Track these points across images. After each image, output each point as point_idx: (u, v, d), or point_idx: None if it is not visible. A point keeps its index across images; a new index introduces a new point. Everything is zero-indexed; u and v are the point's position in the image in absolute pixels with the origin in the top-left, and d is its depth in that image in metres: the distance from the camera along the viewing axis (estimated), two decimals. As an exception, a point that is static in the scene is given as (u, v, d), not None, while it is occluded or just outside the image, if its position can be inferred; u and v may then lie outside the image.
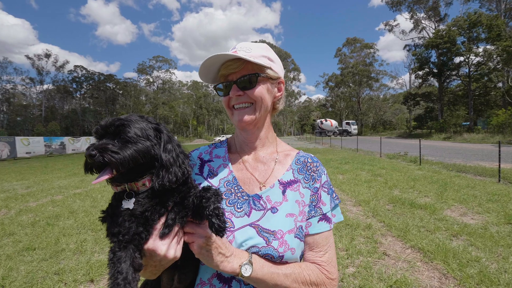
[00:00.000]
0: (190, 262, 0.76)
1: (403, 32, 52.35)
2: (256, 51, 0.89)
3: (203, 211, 0.69)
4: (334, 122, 57.61)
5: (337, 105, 79.84)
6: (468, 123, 34.68)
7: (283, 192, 0.90)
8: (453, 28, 35.67)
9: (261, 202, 0.88)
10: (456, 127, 34.69)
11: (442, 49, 37.52)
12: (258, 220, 0.85)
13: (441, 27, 40.77)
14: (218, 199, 0.71)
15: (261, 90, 0.89)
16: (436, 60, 40.64)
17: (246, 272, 0.74)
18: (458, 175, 8.72)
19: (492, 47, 31.11)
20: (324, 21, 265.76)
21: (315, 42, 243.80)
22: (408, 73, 58.15)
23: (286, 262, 0.82)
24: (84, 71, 66.33)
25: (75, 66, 65.44)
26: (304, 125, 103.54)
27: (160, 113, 73.31)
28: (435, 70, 41.08)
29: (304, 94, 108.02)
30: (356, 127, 54.84)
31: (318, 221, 0.89)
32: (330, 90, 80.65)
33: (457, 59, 37.69)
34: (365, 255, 3.59)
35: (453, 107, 40.00)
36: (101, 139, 0.66)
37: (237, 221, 0.85)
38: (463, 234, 4.11)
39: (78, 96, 67.98)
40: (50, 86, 63.97)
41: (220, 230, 0.67)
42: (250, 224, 0.84)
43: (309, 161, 0.97)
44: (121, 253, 0.63)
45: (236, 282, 0.81)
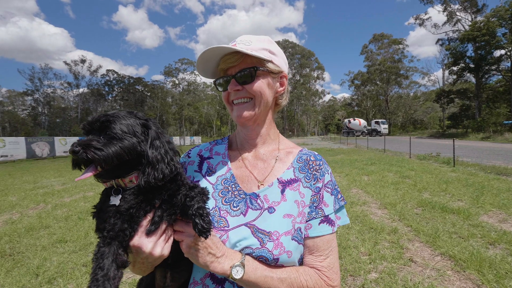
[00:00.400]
0: (183, 261, 0.74)
1: (436, 26, 49.42)
2: (256, 44, 0.85)
3: (187, 210, 0.67)
4: (363, 121, 54.87)
5: (363, 104, 77.19)
6: (511, 122, 31.82)
7: (282, 192, 0.85)
8: (493, 19, 32.98)
9: (258, 201, 0.84)
10: (496, 126, 31.98)
11: (480, 42, 34.81)
12: (254, 220, 0.81)
13: (479, 19, 37.81)
14: (203, 199, 0.69)
15: (261, 85, 0.85)
16: (473, 54, 37.84)
17: (237, 275, 0.71)
18: (498, 178, 8.02)
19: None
20: (349, 18, 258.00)
21: (340, 40, 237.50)
22: (441, 69, 54.65)
23: (282, 266, 0.77)
24: (115, 75, 70.21)
25: (107, 70, 69.53)
26: (329, 125, 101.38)
27: (186, 114, 75.51)
28: (472, 65, 38.24)
29: (329, 93, 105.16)
30: (387, 127, 51.71)
31: (319, 223, 0.83)
32: (356, 89, 78.26)
33: (497, 53, 34.83)
34: (390, 261, 3.40)
35: (493, 105, 36.99)
36: (87, 135, 0.66)
37: (232, 220, 0.82)
38: (502, 243, 3.75)
39: (110, 99, 72.06)
40: (85, 90, 68.43)
41: (204, 231, 0.65)
42: (246, 224, 0.80)
43: (312, 159, 0.91)
44: (105, 249, 0.63)
45: (230, 284, 0.78)
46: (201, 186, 0.74)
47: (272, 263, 0.76)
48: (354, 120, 55.56)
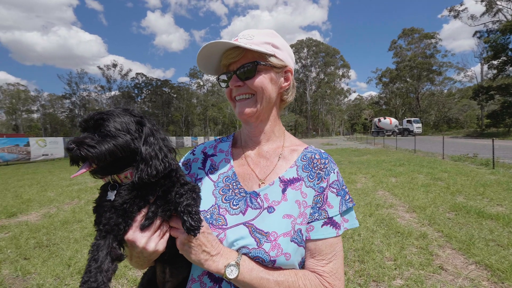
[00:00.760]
0: (182, 258, 0.74)
1: (473, 17, 46.09)
2: (259, 38, 0.82)
3: (177, 207, 0.67)
4: (394, 120, 51.63)
5: (392, 102, 73.89)
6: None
7: (283, 191, 0.82)
8: (540, 7, 29.99)
9: (258, 200, 0.81)
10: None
11: (525, 33, 31.84)
12: (253, 219, 0.78)
13: (524, 7, 34.58)
14: (193, 196, 0.68)
15: (262, 80, 0.82)
16: (517, 47, 34.69)
17: (232, 274, 0.68)
18: (545, 182, 7.27)
19: None
20: (376, 13, 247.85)
21: (367, 36, 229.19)
22: (479, 64, 50.69)
23: (280, 268, 0.74)
24: (144, 78, 73.53)
25: (137, 74, 73.03)
26: (355, 124, 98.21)
27: (210, 115, 77.05)
28: (515, 58, 35.09)
29: (355, 92, 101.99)
30: (420, 126, 47.76)
31: (322, 226, 0.78)
32: (384, 86, 75.17)
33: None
34: (417, 268, 3.20)
35: (540, 101, 33.64)
36: (83, 133, 0.67)
37: (231, 219, 0.80)
38: (549, 253, 3.38)
39: (139, 101, 75.55)
40: (117, 92, 72.43)
41: (192, 229, 0.65)
42: (244, 223, 0.78)
43: (316, 157, 0.86)
44: (100, 242, 0.64)
45: (227, 283, 0.75)
46: (193, 183, 0.74)
47: (269, 265, 0.72)
48: (385, 119, 52.43)
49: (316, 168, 0.84)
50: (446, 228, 4.30)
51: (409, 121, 48.58)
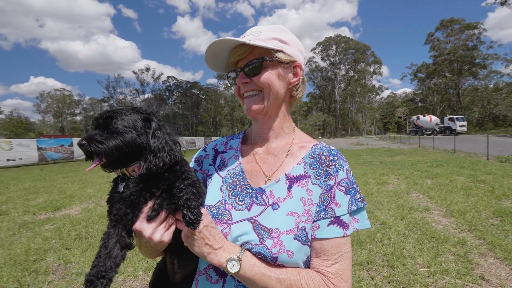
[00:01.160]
0: (189, 250, 0.76)
1: (524, 3, 41.48)
2: (266, 34, 0.82)
3: (178, 201, 0.70)
4: (435, 118, 47.07)
5: (429, 99, 69.28)
6: None
7: (289, 188, 0.80)
8: None
9: (264, 197, 0.81)
10: None
11: None
12: (257, 216, 0.78)
13: None
14: (192, 190, 0.71)
15: (269, 76, 0.81)
16: None
17: (233, 269, 0.69)
18: None
19: None
20: (410, 5, 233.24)
21: (400, 30, 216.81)
22: (533, 54, 45.49)
23: (283, 266, 0.72)
24: (175, 81, 76.56)
25: (168, 77, 76.26)
26: (387, 123, 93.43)
27: (237, 115, 78.11)
28: None
29: (387, 89, 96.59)
30: (464, 124, 42.80)
31: (328, 225, 0.76)
32: (420, 83, 70.74)
33: None
34: (453, 276, 2.96)
35: None
36: (96, 129, 0.73)
37: (236, 214, 0.80)
38: None
39: (170, 103, 78.89)
40: (149, 95, 76.22)
41: (191, 223, 0.68)
42: (249, 219, 0.78)
43: (324, 154, 0.84)
44: (111, 230, 0.70)
45: (231, 277, 0.76)
46: (193, 179, 0.76)
47: (271, 262, 0.72)
48: (424, 117, 47.98)
49: (324, 165, 0.82)
50: (489, 235, 3.92)
51: (452, 119, 44.00)
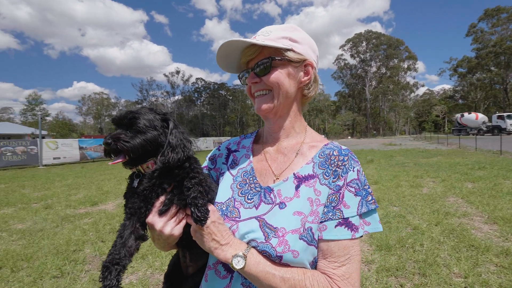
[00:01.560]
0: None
1: None
2: (276, 33, 0.83)
3: (186, 199, 0.74)
4: (482, 116, 42.49)
5: (471, 96, 63.99)
6: None
7: (297, 187, 0.80)
8: None
9: (271, 196, 0.81)
10: None
11: None
12: (265, 214, 0.78)
13: None
14: (199, 189, 0.74)
15: (278, 75, 0.82)
16: None
17: (238, 265, 0.70)
18: None
19: None
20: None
21: (437, 23, 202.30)
22: None
23: (288, 265, 0.72)
24: (203, 82, 78.95)
25: (196, 79, 78.97)
26: (423, 122, 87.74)
27: (264, 115, 78.30)
28: None
29: (423, 86, 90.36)
30: None
31: (336, 226, 0.74)
32: (461, 78, 65.71)
33: None
34: (495, 289, 2.70)
35: None
36: (117, 128, 0.78)
37: (245, 212, 0.82)
38: None
39: (199, 104, 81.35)
40: (179, 97, 79.32)
41: (198, 220, 0.71)
42: (256, 217, 0.79)
43: (334, 154, 0.81)
44: (126, 222, 0.76)
45: (238, 273, 0.77)
46: (200, 177, 0.79)
47: (276, 260, 0.72)
48: (469, 114, 43.74)
49: (333, 165, 0.80)
50: (540, 246, 3.52)
51: (501, 117, 38.96)
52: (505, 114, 39.28)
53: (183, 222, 0.78)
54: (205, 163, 1.04)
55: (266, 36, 0.82)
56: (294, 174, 0.82)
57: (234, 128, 77.85)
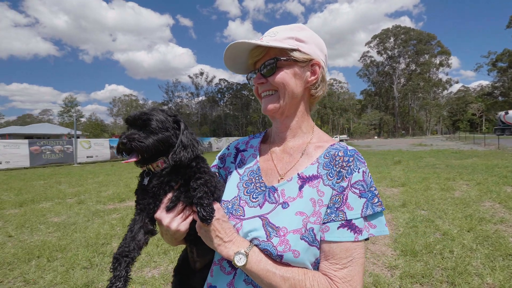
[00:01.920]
0: None
1: None
2: (282, 34, 0.83)
3: (192, 199, 0.76)
4: None
5: (512, 93, 58.97)
6: None
7: (300, 188, 0.80)
8: None
9: (275, 195, 0.82)
10: None
11: None
12: (268, 213, 0.79)
13: None
14: (205, 190, 0.76)
15: (283, 76, 0.82)
16: None
17: (240, 262, 0.71)
18: None
19: None
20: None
21: (473, 15, 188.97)
22: None
23: (289, 264, 0.72)
24: (226, 83, 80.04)
25: (220, 80, 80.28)
26: (458, 121, 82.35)
27: (286, 115, 77.80)
28: None
29: (457, 82, 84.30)
30: None
31: (338, 228, 0.72)
32: (501, 73, 60.85)
33: None
34: (536, 303, 2.46)
35: None
36: (130, 128, 0.81)
37: (249, 211, 0.83)
38: None
39: (222, 104, 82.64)
40: (203, 98, 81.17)
41: (204, 219, 0.73)
42: (260, 216, 0.80)
43: (339, 155, 0.80)
44: (136, 217, 0.80)
45: (241, 270, 0.78)
46: (206, 178, 0.81)
47: (277, 259, 0.72)
48: None
49: (338, 166, 0.78)
50: None
51: None
52: None
53: (190, 219, 0.80)
54: (215, 162, 1.06)
55: (272, 37, 0.82)
56: (298, 174, 0.82)
57: (257, 128, 78.12)
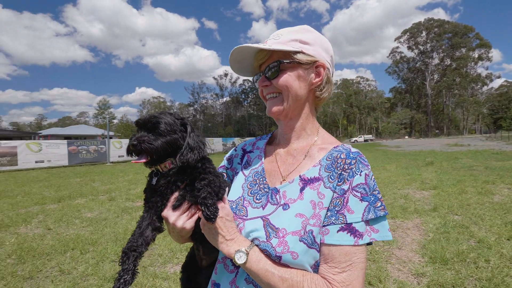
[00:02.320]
0: None
1: None
2: (286, 36, 0.84)
3: (197, 199, 0.79)
4: None
5: None
6: None
7: (301, 190, 0.80)
8: None
9: (277, 197, 0.83)
10: None
11: None
12: (269, 214, 0.80)
13: None
14: (208, 190, 0.78)
15: (286, 78, 0.83)
16: None
17: (240, 260, 0.72)
18: None
19: None
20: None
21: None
22: None
23: (288, 266, 0.72)
24: (250, 83, 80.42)
25: (243, 80, 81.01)
26: (500, 119, 75.78)
27: (310, 115, 76.69)
28: None
29: (499, 77, 77.72)
30: None
31: (338, 231, 0.71)
32: (550, 66, 55.09)
33: None
34: None
35: None
36: (140, 130, 0.85)
37: (252, 212, 0.84)
38: None
39: (246, 105, 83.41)
40: (227, 98, 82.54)
41: (208, 218, 0.75)
42: (262, 217, 0.81)
43: (342, 157, 0.79)
44: (144, 214, 0.84)
45: (243, 269, 0.79)
46: (210, 178, 0.83)
47: (276, 260, 0.73)
48: None
49: (339, 168, 0.78)
50: None
51: None
52: None
53: (195, 217, 0.83)
54: (223, 163, 1.09)
55: (276, 40, 0.83)
56: (300, 176, 0.83)
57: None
